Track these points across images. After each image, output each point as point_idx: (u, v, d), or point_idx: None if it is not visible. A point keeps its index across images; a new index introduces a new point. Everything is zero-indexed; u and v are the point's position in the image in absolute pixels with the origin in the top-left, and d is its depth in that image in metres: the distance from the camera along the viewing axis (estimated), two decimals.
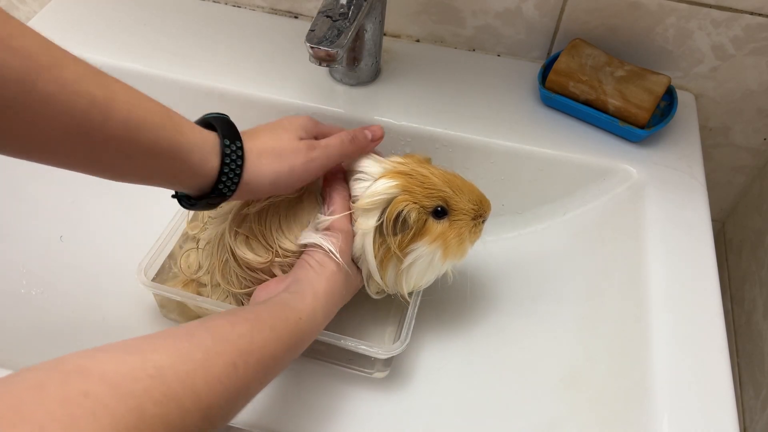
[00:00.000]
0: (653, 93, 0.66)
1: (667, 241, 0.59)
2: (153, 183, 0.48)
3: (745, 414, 0.73)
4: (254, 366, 0.41)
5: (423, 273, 0.55)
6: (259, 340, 0.43)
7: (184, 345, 0.38)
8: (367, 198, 0.53)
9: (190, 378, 0.36)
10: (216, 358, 0.39)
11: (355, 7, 0.59)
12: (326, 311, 0.51)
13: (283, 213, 0.55)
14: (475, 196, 0.56)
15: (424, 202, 0.53)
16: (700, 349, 0.51)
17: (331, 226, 0.53)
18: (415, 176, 0.53)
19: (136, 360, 0.35)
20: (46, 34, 0.41)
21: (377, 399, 0.60)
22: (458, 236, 0.54)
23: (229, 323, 0.42)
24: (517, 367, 0.61)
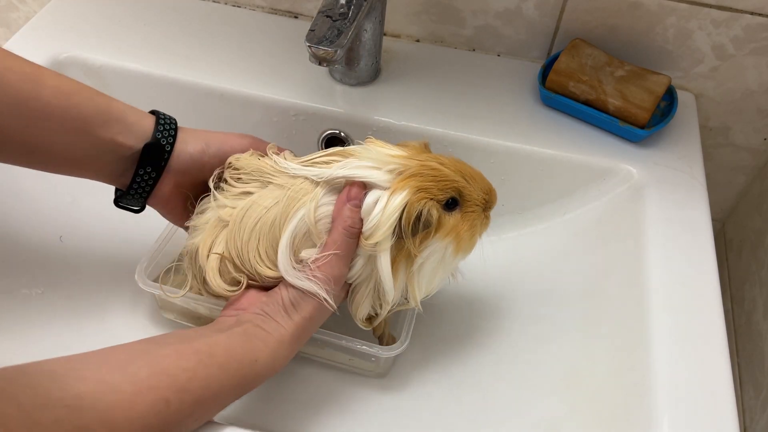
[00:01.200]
0: (653, 93, 0.66)
1: (667, 241, 0.59)
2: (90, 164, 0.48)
3: (745, 414, 0.73)
4: (190, 404, 0.40)
5: (435, 271, 0.52)
6: (203, 378, 0.41)
7: (115, 374, 0.37)
8: (381, 224, 0.47)
9: (110, 413, 0.35)
10: (147, 392, 0.37)
11: (355, 7, 0.59)
12: (288, 357, 0.48)
13: (265, 233, 0.50)
14: (485, 185, 0.53)
15: (438, 196, 0.49)
16: (700, 349, 0.51)
17: (322, 267, 0.48)
18: (426, 172, 0.49)
19: (55, 388, 0.34)
20: (45, 33, 0.41)
21: (377, 399, 0.60)
22: (471, 228, 0.51)
23: (176, 354, 0.41)
24: (517, 367, 0.61)
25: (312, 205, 0.49)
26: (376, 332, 0.59)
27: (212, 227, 0.52)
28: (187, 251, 0.55)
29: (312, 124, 0.70)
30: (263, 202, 0.50)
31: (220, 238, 0.52)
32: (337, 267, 0.48)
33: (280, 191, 0.50)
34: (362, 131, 0.69)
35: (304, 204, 0.49)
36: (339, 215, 0.48)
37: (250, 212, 0.51)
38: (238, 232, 0.51)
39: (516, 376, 0.60)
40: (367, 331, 0.61)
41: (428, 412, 0.59)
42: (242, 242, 0.50)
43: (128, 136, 0.49)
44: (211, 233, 0.52)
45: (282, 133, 0.72)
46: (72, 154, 0.48)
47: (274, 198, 0.50)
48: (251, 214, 0.50)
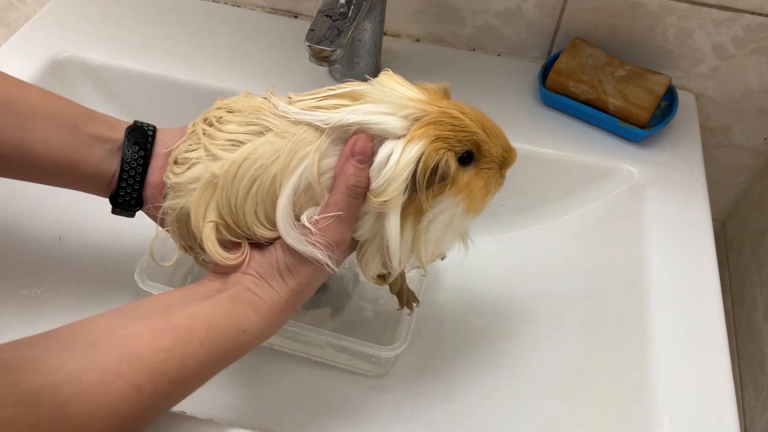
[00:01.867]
0: (654, 93, 0.66)
1: (667, 241, 0.59)
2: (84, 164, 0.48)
3: (746, 414, 0.73)
4: (166, 387, 0.37)
5: (444, 232, 0.46)
6: (181, 358, 0.38)
7: (78, 359, 0.34)
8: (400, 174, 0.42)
9: (70, 406, 0.32)
10: (114, 380, 0.34)
11: (355, 6, 0.59)
12: (279, 323, 0.45)
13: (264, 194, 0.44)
14: (505, 142, 0.47)
15: (456, 147, 0.43)
16: (700, 350, 0.51)
17: (323, 231, 0.43)
18: (446, 120, 0.43)
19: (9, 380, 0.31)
20: (44, 33, 0.41)
21: (377, 399, 0.60)
22: (485, 186, 0.46)
23: (149, 332, 0.38)
24: (517, 366, 0.61)
25: (316, 156, 0.43)
26: (393, 289, 0.54)
27: (204, 188, 0.45)
28: (175, 214, 0.48)
29: None
30: (261, 157, 0.44)
31: (213, 202, 0.45)
32: (339, 230, 0.43)
33: (280, 142, 0.44)
34: None
35: (307, 155, 0.43)
36: (342, 172, 0.43)
37: (244, 168, 0.44)
38: (231, 190, 0.44)
39: (516, 376, 0.60)
40: (367, 331, 0.61)
41: (428, 412, 0.59)
42: (237, 203, 0.45)
43: (112, 131, 0.50)
44: (202, 196, 0.45)
45: None
46: (66, 153, 0.48)
47: (274, 152, 0.44)
48: (247, 170, 0.44)
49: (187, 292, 0.44)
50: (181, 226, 0.48)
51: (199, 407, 0.45)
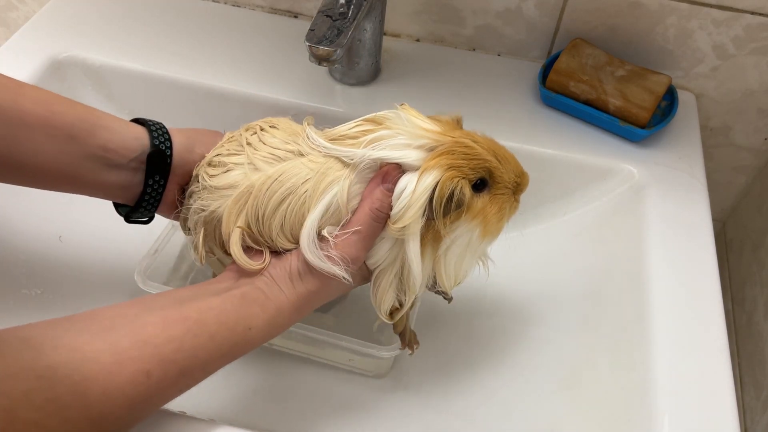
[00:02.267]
0: (654, 93, 0.66)
1: (667, 241, 0.59)
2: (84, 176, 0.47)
3: (746, 415, 0.73)
4: (174, 376, 0.38)
5: (462, 256, 0.49)
6: (190, 348, 0.39)
7: (95, 341, 0.35)
8: (416, 201, 0.44)
9: (85, 383, 0.34)
10: (127, 363, 0.36)
11: (355, 6, 0.59)
12: (286, 326, 0.46)
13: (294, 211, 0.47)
14: (518, 167, 0.50)
15: (469, 175, 0.46)
16: (700, 350, 0.51)
17: (340, 246, 0.45)
18: (458, 150, 0.46)
19: (30, 356, 0.33)
20: (44, 33, 0.41)
21: (377, 399, 0.60)
22: (499, 211, 0.48)
23: (162, 321, 0.39)
24: (517, 367, 0.61)
25: (346, 183, 0.46)
26: (398, 328, 0.55)
27: (239, 196, 0.48)
28: (205, 215, 0.50)
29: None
30: (294, 177, 0.47)
31: (243, 214, 0.48)
32: (355, 247, 0.45)
33: (313, 166, 0.47)
34: None
35: (337, 181, 0.46)
36: (369, 195, 0.46)
37: (276, 185, 0.47)
38: (261, 202, 0.47)
39: (516, 376, 0.60)
40: (367, 331, 0.61)
41: (428, 412, 0.59)
42: (265, 215, 0.47)
43: (118, 143, 0.48)
44: (237, 203, 0.48)
45: None
46: (62, 166, 0.46)
47: (306, 174, 0.47)
48: (279, 186, 0.47)
49: (201, 288, 0.45)
50: (208, 227, 0.50)
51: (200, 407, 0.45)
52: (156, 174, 0.50)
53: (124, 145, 0.49)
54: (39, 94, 0.47)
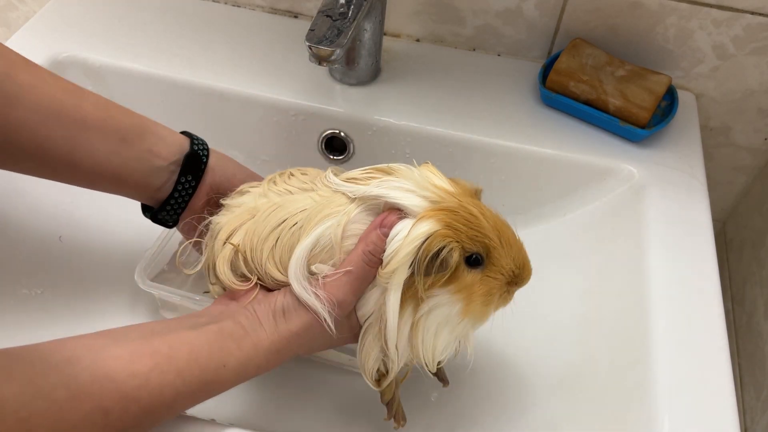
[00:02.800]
0: (654, 93, 0.66)
1: (667, 241, 0.59)
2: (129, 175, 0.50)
3: (746, 415, 0.73)
4: (136, 414, 0.36)
5: (439, 329, 0.46)
6: (156, 385, 0.37)
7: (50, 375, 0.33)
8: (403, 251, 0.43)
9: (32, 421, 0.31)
10: (83, 400, 0.34)
11: (355, 6, 0.59)
12: (262, 367, 0.44)
13: (284, 239, 0.47)
14: (521, 258, 0.47)
15: (465, 243, 0.44)
16: (700, 350, 0.51)
17: (329, 287, 0.44)
18: (462, 213, 0.44)
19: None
20: (44, 33, 0.42)
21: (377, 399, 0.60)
22: (486, 295, 0.45)
23: (129, 355, 0.37)
24: (516, 367, 0.61)
25: (343, 219, 0.45)
26: (384, 397, 0.52)
27: (242, 213, 0.50)
28: (212, 228, 0.52)
29: (312, 124, 0.70)
30: (294, 205, 0.48)
31: (243, 229, 0.49)
32: (343, 290, 0.44)
33: (316, 198, 0.48)
34: (362, 131, 0.69)
35: (334, 215, 0.46)
36: (365, 238, 0.45)
37: (277, 211, 0.48)
38: (260, 226, 0.48)
39: (516, 376, 0.60)
40: None
41: (428, 411, 0.59)
42: (259, 238, 0.47)
43: (163, 147, 0.51)
44: (238, 218, 0.49)
45: (282, 133, 0.72)
46: (112, 166, 0.49)
47: (305, 204, 0.48)
48: (278, 212, 0.48)
49: (177, 321, 0.43)
50: (211, 241, 0.51)
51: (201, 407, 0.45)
52: (189, 174, 0.52)
53: (168, 149, 0.51)
54: (98, 100, 0.50)
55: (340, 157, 0.72)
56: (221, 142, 0.74)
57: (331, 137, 0.71)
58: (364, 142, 0.70)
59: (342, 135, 0.70)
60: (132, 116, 0.51)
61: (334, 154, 0.72)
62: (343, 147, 0.72)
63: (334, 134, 0.70)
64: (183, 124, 0.74)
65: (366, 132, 0.69)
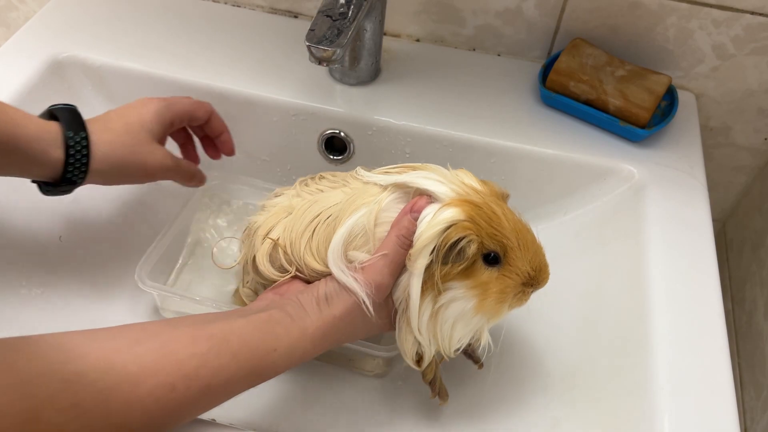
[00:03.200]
0: (654, 93, 0.66)
1: (667, 241, 0.59)
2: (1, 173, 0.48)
3: (746, 415, 0.73)
4: (197, 391, 0.39)
5: (455, 322, 0.48)
6: (214, 366, 0.39)
7: (122, 353, 0.36)
8: (427, 232, 0.45)
9: (108, 392, 0.34)
10: (150, 376, 0.36)
11: (355, 6, 0.59)
12: (309, 352, 0.46)
13: (320, 232, 0.50)
14: (538, 261, 0.49)
15: (485, 240, 0.46)
16: (700, 350, 0.51)
17: (367, 271, 0.46)
18: (485, 210, 0.46)
19: (59, 358, 0.34)
20: (44, 33, 0.41)
21: (378, 399, 0.60)
22: (500, 293, 0.47)
23: (190, 338, 0.40)
24: (516, 366, 0.61)
25: (375, 207, 0.48)
26: (426, 377, 0.54)
27: (278, 211, 0.53)
28: (249, 227, 0.55)
29: (312, 124, 0.70)
30: (327, 201, 0.51)
31: (281, 225, 0.52)
32: (381, 274, 0.46)
33: (349, 192, 0.51)
34: (362, 131, 0.69)
35: (367, 204, 0.48)
36: (397, 223, 0.47)
37: (313, 207, 0.51)
38: (297, 222, 0.51)
39: (516, 375, 0.60)
40: None
41: (428, 411, 0.59)
42: (297, 232, 0.51)
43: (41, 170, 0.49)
44: (275, 216, 0.53)
45: (282, 133, 0.72)
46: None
47: (338, 198, 0.51)
48: (314, 207, 0.51)
49: (226, 312, 0.46)
50: (249, 239, 0.55)
51: None
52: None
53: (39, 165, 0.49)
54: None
55: (340, 157, 0.72)
56: None
57: (331, 137, 0.71)
58: (364, 142, 0.70)
59: (342, 135, 0.70)
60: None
61: (334, 154, 0.72)
62: (343, 147, 0.72)
63: (334, 134, 0.70)
64: None
65: (366, 132, 0.69)
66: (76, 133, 0.50)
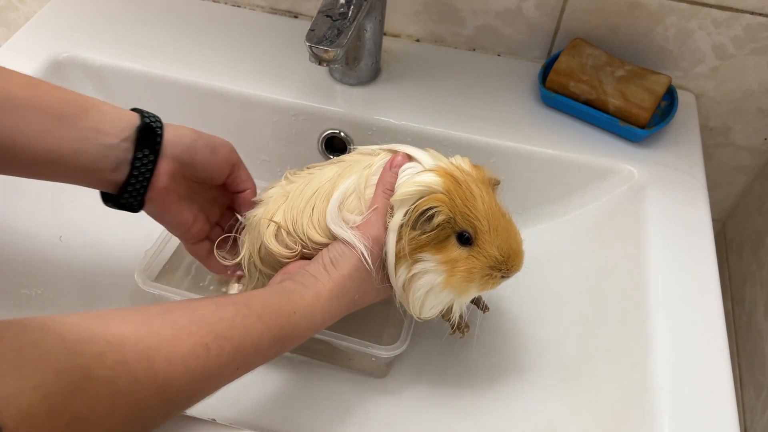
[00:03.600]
0: (654, 93, 0.66)
1: (667, 241, 0.59)
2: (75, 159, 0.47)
3: (746, 415, 0.73)
4: (230, 352, 0.40)
5: (425, 294, 0.51)
6: (242, 327, 0.41)
7: (155, 320, 0.38)
8: (405, 188, 0.49)
9: (150, 352, 0.36)
10: (186, 337, 0.38)
11: (355, 6, 0.59)
12: (327, 314, 0.48)
13: (319, 205, 0.52)
14: (507, 248, 0.50)
15: (457, 217, 0.48)
16: (700, 350, 0.51)
17: (362, 227, 0.50)
18: (464, 188, 0.48)
19: (98, 326, 0.35)
20: (44, 33, 0.41)
21: (377, 399, 0.60)
22: (467, 272, 0.49)
23: (214, 305, 0.42)
24: (517, 367, 0.61)
25: (366, 172, 0.52)
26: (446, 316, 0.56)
27: (276, 199, 0.55)
28: (250, 222, 0.57)
29: (312, 124, 0.70)
30: (323, 176, 0.54)
31: (280, 210, 0.54)
32: (375, 226, 0.50)
33: (343, 165, 0.55)
34: (362, 131, 0.69)
35: (359, 171, 0.53)
36: (381, 180, 0.51)
37: (310, 184, 0.54)
38: (296, 201, 0.53)
39: (516, 375, 0.60)
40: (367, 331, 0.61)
41: (428, 411, 0.59)
42: (298, 210, 0.53)
43: (109, 124, 0.48)
44: (274, 204, 0.55)
45: (282, 133, 0.72)
46: (53, 148, 0.46)
47: (332, 173, 0.54)
48: (311, 185, 0.54)
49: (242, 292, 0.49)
50: (252, 231, 0.56)
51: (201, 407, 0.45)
52: (145, 148, 0.49)
53: (115, 125, 0.48)
54: (27, 79, 0.47)
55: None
56: None
57: (331, 137, 0.71)
58: (364, 142, 0.70)
59: (342, 135, 0.70)
60: (68, 93, 0.47)
61: (334, 154, 0.72)
62: (343, 147, 0.72)
63: (334, 134, 0.70)
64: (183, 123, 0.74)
65: (366, 132, 0.69)
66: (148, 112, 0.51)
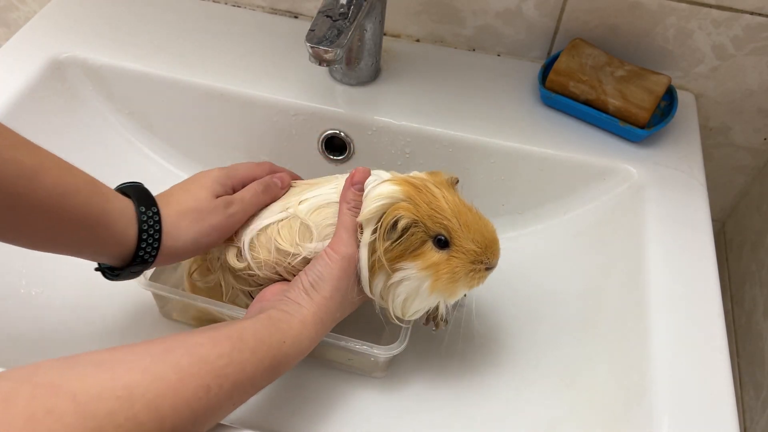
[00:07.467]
0: (653, 93, 0.66)
1: (667, 241, 0.59)
2: (79, 254, 0.49)
3: (746, 414, 0.73)
4: (229, 389, 0.41)
5: (410, 298, 0.52)
6: (238, 363, 0.42)
7: (158, 365, 0.38)
8: (368, 205, 0.50)
9: (158, 401, 0.37)
10: (189, 380, 0.39)
11: (355, 6, 0.59)
12: (313, 339, 0.49)
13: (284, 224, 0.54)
14: (482, 239, 0.50)
15: (426, 222, 0.49)
16: (700, 350, 0.51)
17: (333, 245, 0.51)
18: (424, 192, 0.50)
19: (106, 378, 0.35)
20: (44, 33, 0.41)
21: (377, 399, 0.60)
22: (451, 273, 0.50)
23: (211, 341, 0.42)
24: (516, 366, 0.61)
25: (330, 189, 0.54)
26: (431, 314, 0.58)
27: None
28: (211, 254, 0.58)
29: (312, 124, 0.70)
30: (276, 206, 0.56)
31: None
32: (346, 244, 0.50)
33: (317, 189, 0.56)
34: (362, 131, 0.69)
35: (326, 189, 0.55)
36: (343, 198, 0.52)
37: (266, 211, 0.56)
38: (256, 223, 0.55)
39: (515, 375, 0.60)
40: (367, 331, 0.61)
41: (427, 411, 0.59)
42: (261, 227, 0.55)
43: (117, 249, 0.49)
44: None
45: (282, 133, 0.72)
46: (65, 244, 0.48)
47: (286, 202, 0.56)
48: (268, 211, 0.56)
49: (229, 321, 0.48)
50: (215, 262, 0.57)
51: None
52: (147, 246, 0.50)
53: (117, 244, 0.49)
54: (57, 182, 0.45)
55: (340, 157, 0.72)
56: (221, 142, 0.74)
57: (331, 137, 0.71)
58: (364, 142, 0.70)
59: (342, 135, 0.70)
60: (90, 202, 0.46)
61: (334, 154, 0.72)
62: (343, 147, 0.72)
63: (334, 134, 0.70)
64: (183, 124, 0.74)
65: (366, 132, 0.69)
66: (147, 208, 0.50)
